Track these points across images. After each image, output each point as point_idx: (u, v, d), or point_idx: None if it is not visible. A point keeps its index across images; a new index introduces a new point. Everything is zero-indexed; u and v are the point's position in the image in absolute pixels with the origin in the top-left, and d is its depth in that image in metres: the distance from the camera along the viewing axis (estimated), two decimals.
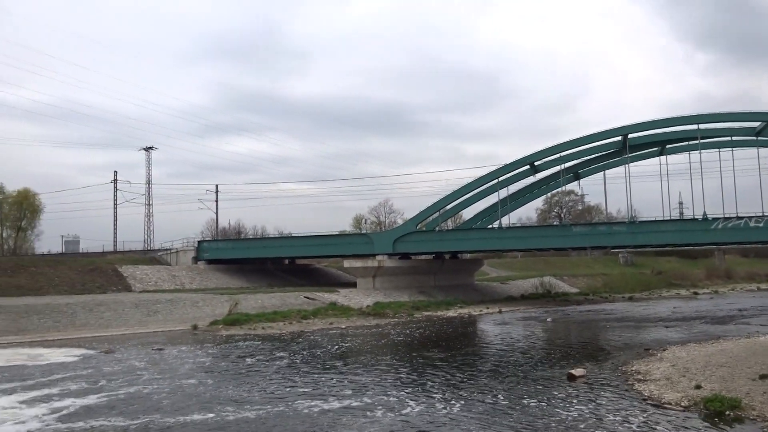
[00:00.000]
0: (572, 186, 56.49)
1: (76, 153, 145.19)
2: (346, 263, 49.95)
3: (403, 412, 13.66)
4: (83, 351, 24.12)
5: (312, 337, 28.84)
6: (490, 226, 47.86)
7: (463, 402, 14.49)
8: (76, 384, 17.30)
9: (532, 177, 48.17)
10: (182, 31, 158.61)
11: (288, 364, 20.82)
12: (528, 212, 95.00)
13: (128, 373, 19.15)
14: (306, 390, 16.32)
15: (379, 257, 46.63)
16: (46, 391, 16.28)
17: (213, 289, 44.48)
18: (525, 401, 14.44)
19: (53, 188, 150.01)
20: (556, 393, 15.33)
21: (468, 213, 54.58)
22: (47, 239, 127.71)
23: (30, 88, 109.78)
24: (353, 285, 48.11)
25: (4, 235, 67.03)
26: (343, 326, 33.03)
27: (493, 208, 49.06)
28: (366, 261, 47.18)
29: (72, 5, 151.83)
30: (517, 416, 13.08)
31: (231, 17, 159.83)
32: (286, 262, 59.13)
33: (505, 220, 46.81)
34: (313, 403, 14.57)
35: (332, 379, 18.02)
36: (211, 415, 13.69)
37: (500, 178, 46.14)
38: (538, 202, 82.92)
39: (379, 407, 14.08)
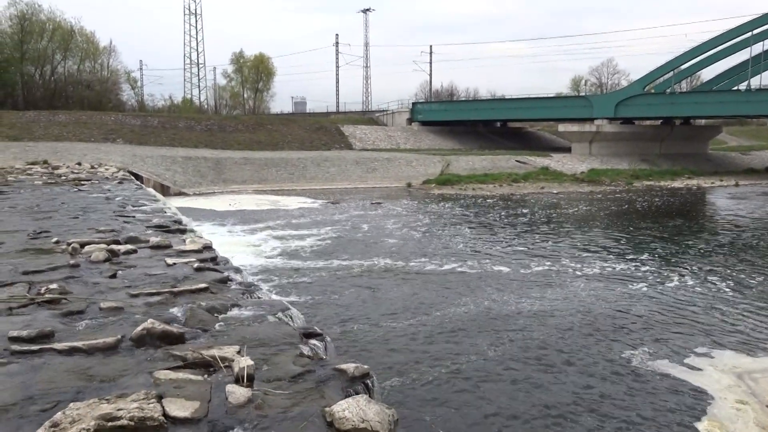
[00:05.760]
0: None
1: (300, 17, 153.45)
2: (561, 127, 47.57)
3: (668, 285, 12.52)
4: (314, 200, 26.86)
5: (527, 200, 28.62)
6: (734, 88, 41.54)
7: (725, 281, 12.89)
8: (321, 227, 19.35)
9: None
10: None
11: (517, 223, 21.01)
12: None
13: (362, 219, 20.87)
14: (544, 251, 16.09)
15: (597, 122, 43.54)
16: (300, 231, 18.48)
17: (426, 149, 45.76)
18: None
19: (283, 53, 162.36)
20: None
21: (707, 74, 47.90)
22: (279, 100, 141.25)
23: None
24: (567, 150, 46.05)
25: (245, 96, 75.09)
26: (555, 191, 32.20)
27: (740, 67, 42.31)
28: (583, 125, 44.44)
29: None
30: None
31: None
32: (498, 125, 58.18)
33: (755, 81, 40.13)
34: (562, 265, 14.21)
35: (569, 243, 17.45)
36: (455, 264, 14.19)
37: (755, 31, 39.09)
38: None
39: (636, 278, 13.08)
